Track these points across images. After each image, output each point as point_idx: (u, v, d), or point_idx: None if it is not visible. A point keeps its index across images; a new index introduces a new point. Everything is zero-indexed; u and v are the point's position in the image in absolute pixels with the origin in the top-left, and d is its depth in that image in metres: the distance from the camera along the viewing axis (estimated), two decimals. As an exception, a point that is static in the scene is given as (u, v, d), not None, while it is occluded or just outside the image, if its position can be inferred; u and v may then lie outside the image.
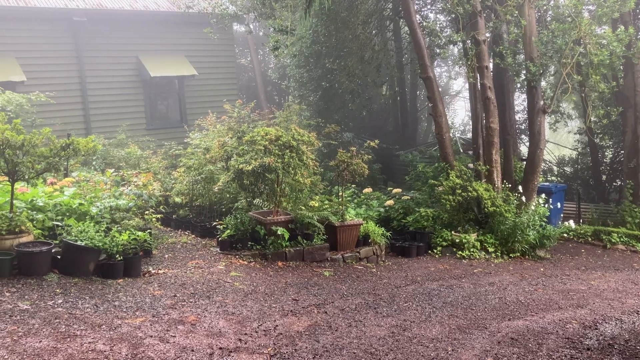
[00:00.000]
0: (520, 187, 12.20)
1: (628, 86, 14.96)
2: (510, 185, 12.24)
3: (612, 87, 11.94)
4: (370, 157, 9.94)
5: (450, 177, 11.30)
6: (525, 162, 13.17)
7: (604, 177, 19.75)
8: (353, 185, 12.87)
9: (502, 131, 12.47)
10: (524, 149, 20.83)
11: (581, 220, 15.37)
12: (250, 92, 27.15)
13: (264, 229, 8.99)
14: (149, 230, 8.30)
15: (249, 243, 8.98)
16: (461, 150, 16.93)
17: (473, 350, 5.54)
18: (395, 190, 13.18)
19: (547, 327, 6.55)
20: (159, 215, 8.97)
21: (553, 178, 21.52)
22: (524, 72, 12.13)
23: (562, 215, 14.74)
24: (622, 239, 13.93)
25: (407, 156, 18.63)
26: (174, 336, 5.37)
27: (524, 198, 11.97)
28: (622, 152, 18.99)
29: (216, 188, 9.90)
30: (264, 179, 8.97)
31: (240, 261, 8.63)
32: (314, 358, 5.10)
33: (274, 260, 8.83)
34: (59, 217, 7.59)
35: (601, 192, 18.90)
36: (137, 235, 7.56)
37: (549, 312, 7.42)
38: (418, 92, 26.35)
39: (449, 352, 5.43)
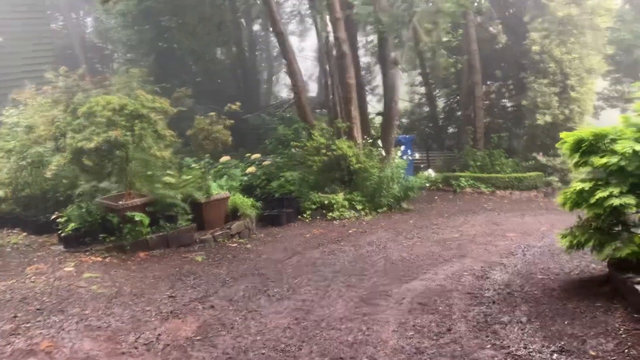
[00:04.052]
0: (379, 142, 12.09)
1: (464, 36, 15.57)
2: (371, 141, 12.08)
3: (457, 36, 12.19)
4: (232, 122, 8.95)
5: (314, 137, 10.75)
6: (380, 116, 13.10)
7: (440, 125, 20.80)
8: (207, 155, 11.75)
9: (357, 86, 12.16)
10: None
11: (422, 166, 15.96)
12: (68, 60, 23.79)
13: (117, 217, 7.63)
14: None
15: (101, 235, 7.59)
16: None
17: (389, 325, 5.04)
18: (254, 156, 12.32)
19: (445, 285, 6.34)
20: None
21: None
22: (374, 24, 11.84)
23: (413, 165, 15.14)
24: (468, 182, 14.70)
25: (257, 119, 17.81)
26: (26, 375, 4.09)
27: (383, 152, 11.89)
28: (453, 100, 20.14)
29: (49, 173, 8.20)
30: (111, 157, 7.55)
31: (93, 258, 7.24)
32: (218, 371, 4.20)
33: (135, 251, 7.57)
34: None
35: (439, 140, 19.88)
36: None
37: (438, 266, 7.27)
38: (257, 53, 25.39)
39: (366, 333, 4.86)
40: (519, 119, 16.72)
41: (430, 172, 11.91)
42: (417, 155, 14.20)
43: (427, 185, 12.28)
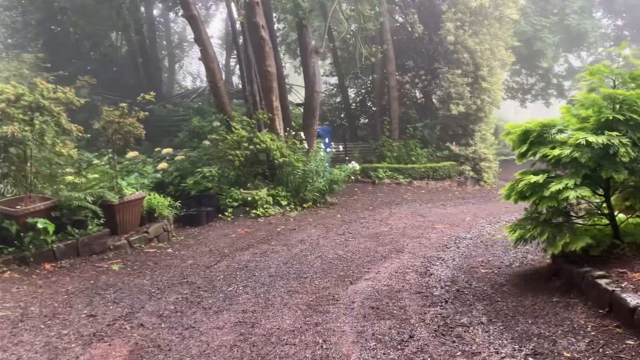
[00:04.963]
0: (302, 134, 11.64)
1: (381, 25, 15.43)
2: (294, 133, 11.59)
3: (378, 25, 11.96)
4: (146, 114, 8.08)
5: (235, 130, 10.08)
6: (299, 107, 12.64)
7: (352, 116, 20.72)
8: (109, 150, 10.69)
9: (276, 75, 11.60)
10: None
11: (347, 158, 15.79)
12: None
13: (16, 224, 6.59)
14: None
15: (-3, 246, 6.52)
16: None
17: (346, 335, 4.62)
18: (165, 151, 11.43)
19: (392, 284, 6.04)
20: None
21: (300, 120, 21.88)
22: (293, 9, 11.30)
23: (331, 157, 14.86)
24: (386, 174, 14.67)
25: (162, 110, 16.70)
26: None
27: (306, 144, 11.45)
28: (365, 91, 20.12)
29: None
30: (7, 156, 6.49)
31: (-11, 274, 6.19)
32: (164, 409, 3.56)
33: (39, 263, 6.59)
34: None
35: (352, 131, 19.81)
36: None
37: (378, 263, 6.99)
38: (157, 40, 23.95)
39: (324, 347, 4.40)
40: (430, 109, 16.98)
41: (354, 164, 11.67)
42: (340, 147, 13.92)
43: (352, 177, 12.05)
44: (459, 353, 4.15)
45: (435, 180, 15.05)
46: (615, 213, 5.54)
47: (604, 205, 5.58)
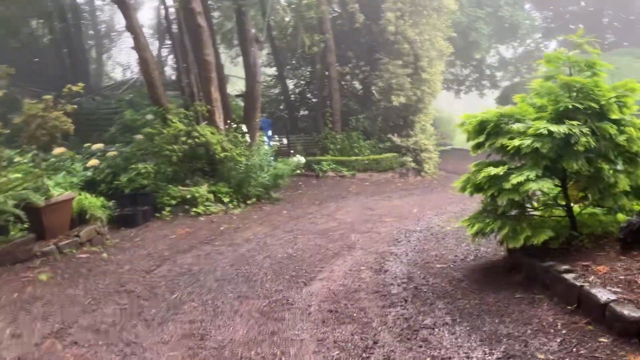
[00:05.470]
0: (243, 127, 11.15)
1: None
2: (235, 126, 11.07)
3: (320, 13, 11.61)
4: (74, 107, 7.38)
5: (172, 123, 9.48)
6: (238, 98, 12.13)
7: (292, 107, 20.33)
8: (33, 147, 9.84)
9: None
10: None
11: (292, 151, 15.42)
12: None
13: None
14: None
15: None
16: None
17: (306, 344, 4.28)
18: (96, 146, 10.63)
19: (348, 284, 5.75)
20: None
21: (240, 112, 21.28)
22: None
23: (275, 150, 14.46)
24: (330, 166, 14.43)
25: (90, 103, 15.68)
26: None
27: (248, 138, 10.98)
28: (304, 82, 19.79)
29: None
30: None
31: None
32: None
33: (-47, 276, 5.85)
34: None
35: (293, 123, 19.44)
36: None
37: (330, 262, 6.71)
38: (84, 29, 22.57)
39: (283, 359, 4.04)
40: (370, 100, 16.85)
41: (300, 158, 11.32)
42: (284, 141, 13.52)
43: (298, 172, 11.69)
44: (428, 359, 3.90)
45: (379, 172, 14.96)
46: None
47: (560, 195, 5.50)
